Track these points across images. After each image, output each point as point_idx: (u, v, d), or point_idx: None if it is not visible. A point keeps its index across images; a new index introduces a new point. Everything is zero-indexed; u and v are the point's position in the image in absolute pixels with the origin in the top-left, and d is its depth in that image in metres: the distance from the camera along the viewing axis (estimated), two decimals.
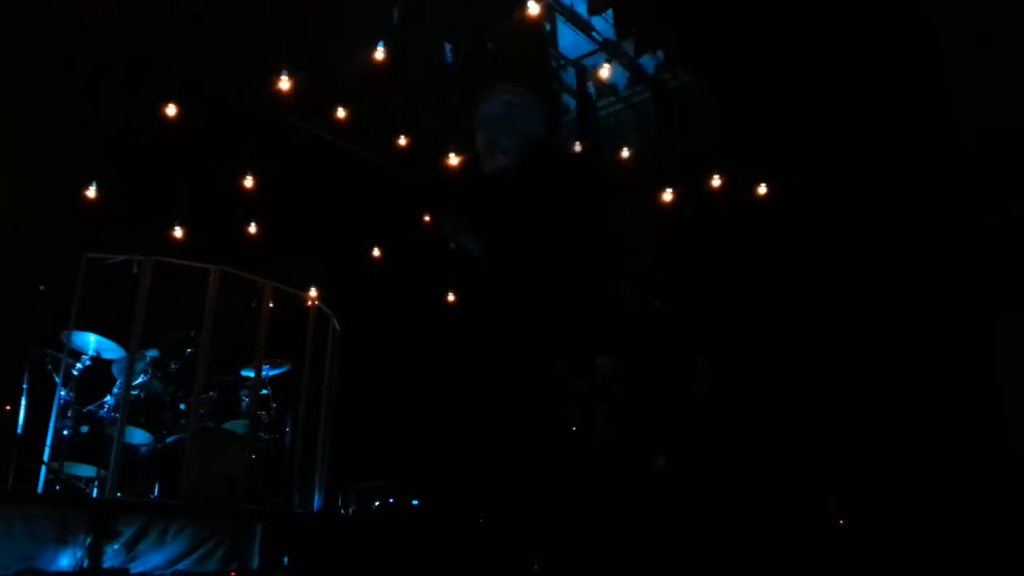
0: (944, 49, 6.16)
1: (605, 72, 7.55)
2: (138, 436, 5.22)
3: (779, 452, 6.56)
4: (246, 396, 5.55)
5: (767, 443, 6.66)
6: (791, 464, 6.48)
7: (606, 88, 8.56)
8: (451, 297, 7.78)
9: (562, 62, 8.48)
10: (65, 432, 5.04)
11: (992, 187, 5.72)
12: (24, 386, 5.10)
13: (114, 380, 5.38)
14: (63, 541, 4.15)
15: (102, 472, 4.93)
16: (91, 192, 5.63)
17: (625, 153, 7.96)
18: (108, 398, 5.27)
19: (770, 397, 6.86)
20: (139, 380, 5.30)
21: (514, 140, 2.94)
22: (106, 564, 4.19)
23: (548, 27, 7.92)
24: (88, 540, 4.17)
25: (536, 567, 5.02)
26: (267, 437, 5.62)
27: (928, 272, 5.87)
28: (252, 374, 5.47)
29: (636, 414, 5.22)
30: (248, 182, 6.39)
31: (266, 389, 5.64)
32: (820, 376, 6.18)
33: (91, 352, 5.30)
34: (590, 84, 8.66)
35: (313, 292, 5.80)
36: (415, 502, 6.50)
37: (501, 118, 2.93)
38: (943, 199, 5.94)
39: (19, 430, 5.01)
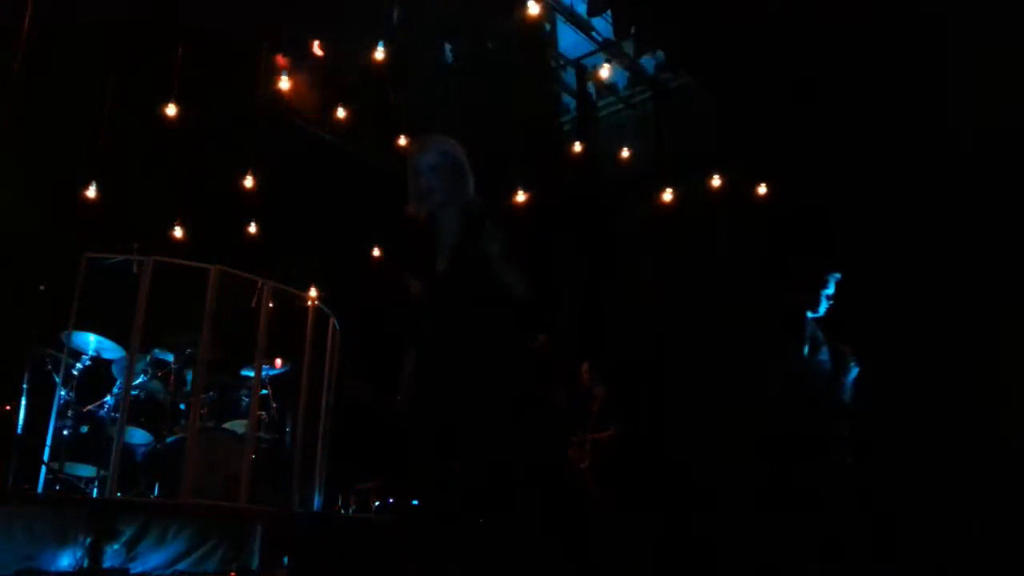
0: (944, 49, 6.16)
1: (605, 72, 7.56)
2: (138, 436, 5.22)
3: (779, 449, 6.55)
4: (246, 396, 5.56)
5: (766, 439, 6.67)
6: (790, 463, 6.48)
7: (606, 88, 8.56)
8: None
9: (562, 62, 8.48)
10: (65, 432, 5.04)
11: (991, 188, 5.72)
12: (24, 386, 5.10)
13: (114, 380, 5.38)
14: (63, 541, 4.14)
15: (102, 472, 4.93)
16: (91, 192, 5.63)
17: (625, 153, 7.96)
18: (108, 398, 5.27)
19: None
20: (139, 380, 5.30)
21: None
22: (106, 564, 4.19)
23: (548, 27, 7.92)
24: (88, 540, 4.17)
25: (536, 566, 5.02)
26: (267, 437, 5.63)
27: (927, 272, 5.87)
28: (252, 374, 5.47)
29: None
30: (248, 182, 6.39)
31: (266, 389, 5.64)
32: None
33: (91, 352, 5.30)
34: (590, 84, 8.66)
35: (313, 292, 5.80)
36: (415, 502, 6.49)
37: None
38: (942, 200, 5.94)
39: (19, 430, 5.01)
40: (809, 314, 4.63)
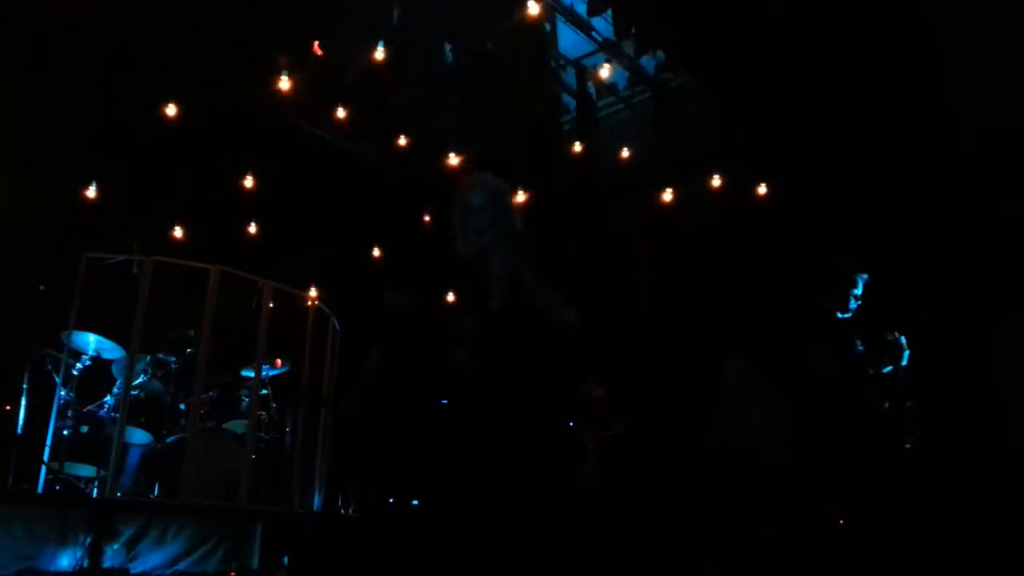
0: (944, 49, 6.16)
1: (605, 72, 7.56)
2: (138, 436, 5.23)
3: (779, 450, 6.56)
4: (246, 396, 5.56)
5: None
6: (791, 464, 6.48)
7: (606, 88, 8.56)
8: (451, 297, 7.76)
9: (562, 62, 8.48)
10: (65, 432, 5.05)
11: (992, 188, 5.72)
12: (24, 386, 5.10)
13: (114, 380, 5.38)
14: (63, 541, 4.15)
15: (102, 472, 4.93)
16: (91, 192, 5.63)
17: (625, 153, 7.96)
18: (108, 398, 5.27)
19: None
20: (139, 380, 5.30)
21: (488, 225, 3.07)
22: (106, 564, 4.19)
23: (548, 27, 7.93)
24: (88, 540, 4.18)
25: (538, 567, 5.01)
26: (267, 437, 5.63)
27: (927, 273, 5.87)
28: (252, 374, 5.47)
29: None
30: (248, 182, 6.39)
31: (266, 389, 5.65)
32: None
33: (91, 352, 5.30)
34: (590, 84, 8.66)
35: (313, 292, 5.80)
36: (415, 502, 6.49)
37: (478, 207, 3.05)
38: (942, 200, 5.94)
39: (19, 430, 5.01)
40: (839, 315, 4.66)
